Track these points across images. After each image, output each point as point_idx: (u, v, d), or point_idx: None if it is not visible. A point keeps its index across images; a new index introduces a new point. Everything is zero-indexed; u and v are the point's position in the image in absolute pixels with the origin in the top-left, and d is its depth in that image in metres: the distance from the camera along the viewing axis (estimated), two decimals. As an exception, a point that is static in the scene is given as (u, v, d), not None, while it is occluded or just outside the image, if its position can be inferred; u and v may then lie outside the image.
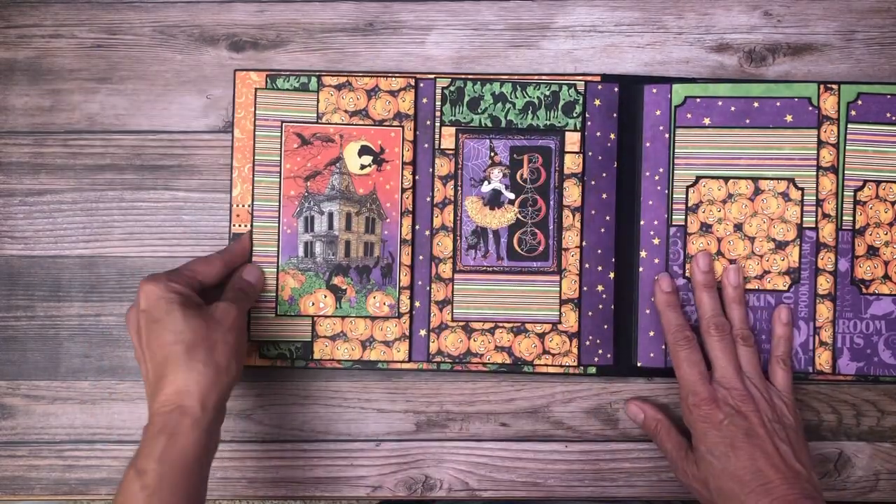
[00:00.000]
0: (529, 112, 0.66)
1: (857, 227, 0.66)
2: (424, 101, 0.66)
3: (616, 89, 0.66)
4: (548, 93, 0.66)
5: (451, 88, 0.66)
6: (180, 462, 0.54)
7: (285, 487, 0.67)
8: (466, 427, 0.67)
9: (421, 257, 0.66)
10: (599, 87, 0.66)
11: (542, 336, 0.66)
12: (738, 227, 0.66)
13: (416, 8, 0.68)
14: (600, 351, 0.66)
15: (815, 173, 0.66)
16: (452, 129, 0.66)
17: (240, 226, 0.66)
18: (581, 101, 0.66)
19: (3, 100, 0.68)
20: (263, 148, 0.66)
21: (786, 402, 0.62)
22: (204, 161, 0.67)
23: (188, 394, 0.56)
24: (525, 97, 0.66)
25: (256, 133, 0.66)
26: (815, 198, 0.65)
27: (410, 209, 0.66)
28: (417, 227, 0.66)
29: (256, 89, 0.66)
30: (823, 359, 0.65)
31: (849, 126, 0.66)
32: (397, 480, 0.67)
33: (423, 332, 0.66)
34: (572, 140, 0.66)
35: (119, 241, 0.67)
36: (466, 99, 0.66)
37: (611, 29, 0.68)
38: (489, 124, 0.66)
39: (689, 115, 0.66)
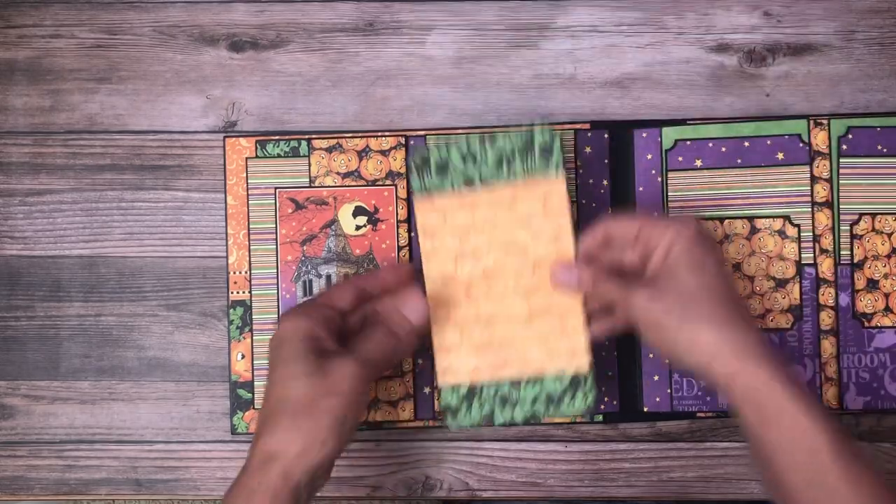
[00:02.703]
0: (504, 165, 0.60)
1: (856, 260, 0.65)
2: None
3: (606, 136, 0.66)
4: (520, 143, 0.60)
5: (416, 160, 0.61)
6: None
7: (285, 487, 0.67)
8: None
9: None
10: (589, 134, 0.66)
11: None
12: (737, 267, 0.66)
13: (417, 8, 0.68)
14: (606, 398, 0.66)
15: (810, 209, 0.66)
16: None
17: (237, 293, 0.66)
18: (554, 144, 0.60)
19: (3, 100, 0.68)
20: (258, 215, 0.67)
21: None
22: (204, 161, 0.67)
23: (275, 460, 0.53)
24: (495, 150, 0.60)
25: (250, 202, 0.66)
26: (811, 234, 0.65)
27: None
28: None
29: (247, 158, 0.67)
30: (830, 394, 0.65)
31: (841, 160, 0.66)
32: (397, 480, 0.67)
33: (427, 390, 0.66)
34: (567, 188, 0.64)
35: (119, 241, 0.67)
36: (433, 168, 0.61)
37: (611, 29, 0.68)
38: (463, 187, 0.60)
39: (680, 159, 0.66)
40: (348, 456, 0.66)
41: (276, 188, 0.67)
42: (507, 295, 0.60)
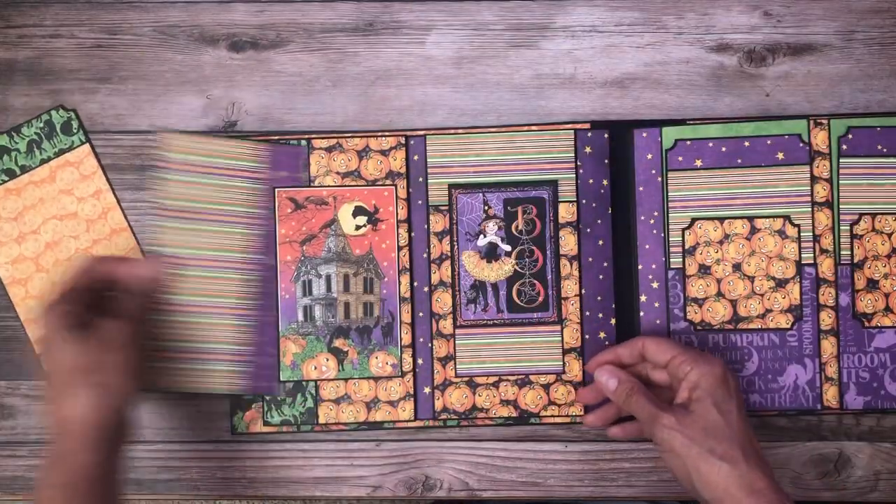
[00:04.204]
0: (35, 150, 0.66)
1: (856, 260, 0.66)
2: (415, 158, 0.67)
3: (606, 135, 0.66)
4: (42, 126, 0.66)
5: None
6: (72, 485, 0.56)
7: (285, 487, 0.67)
8: (466, 427, 0.67)
9: (421, 314, 0.67)
10: (589, 134, 0.67)
11: (546, 387, 0.66)
12: (737, 267, 0.66)
13: (416, 8, 0.68)
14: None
15: (810, 209, 0.66)
16: (445, 185, 0.66)
17: None
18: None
19: (3, 100, 0.68)
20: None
21: None
22: (204, 161, 0.67)
23: (73, 418, 0.57)
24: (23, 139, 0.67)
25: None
26: (811, 233, 0.66)
27: (408, 266, 0.66)
28: (416, 284, 0.66)
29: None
30: (830, 394, 0.65)
31: (841, 160, 0.66)
32: (397, 480, 0.67)
33: (427, 390, 0.66)
34: (566, 189, 0.66)
35: (119, 242, 0.67)
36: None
37: (611, 29, 0.68)
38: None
39: (680, 158, 0.66)
40: (348, 456, 0.67)
41: (275, 188, 0.67)
42: (75, 252, 0.67)
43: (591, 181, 0.66)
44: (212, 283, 0.65)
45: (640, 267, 0.66)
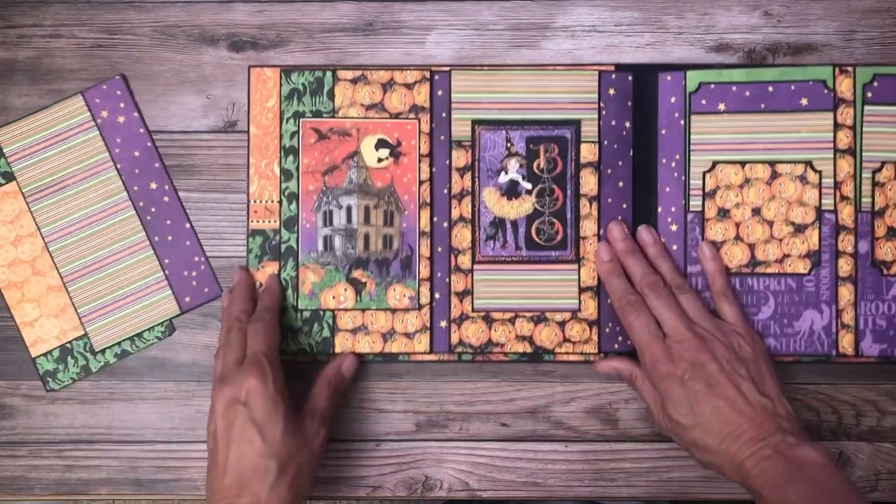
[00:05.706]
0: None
1: (877, 208, 0.65)
2: (440, 93, 0.66)
3: (630, 78, 0.66)
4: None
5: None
6: None
7: (285, 487, 0.67)
8: (466, 427, 0.67)
9: (440, 249, 0.66)
10: (613, 76, 0.66)
11: (562, 324, 0.66)
12: (757, 212, 0.66)
13: (417, 8, 0.68)
14: (620, 338, 0.66)
15: (832, 156, 0.65)
16: (468, 121, 0.66)
17: (258, 222, 0.66)
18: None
19: (3, 100, 0.68)
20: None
21: (740, 334, 0.62)
22: (204, 161, 0.67)
23: None
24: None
25: (272, 129, 0.67)
26: (832, 180, 0.65)
27: (428, 201, 0.66)
28: (436, 218, 0.66)
29: (272, 87, 0.67)
30: (846, 341, 0.65)
31: (865, 108, 0.65)
32: (397, 480, 0.67)
33: (443, 324, 0.66)
34: (588, 129, 0.66)
35: (119, 241, 0.67)
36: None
37: (611, 29, 0.68)
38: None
39: (703, 102, 0.66)
40: (348, 456, 0.67)
41: (299, 117, 0.66)
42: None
43: (613, 123, 0.66)
44: (114, 230, 0.66)
45: (659, 209, 0.66)
